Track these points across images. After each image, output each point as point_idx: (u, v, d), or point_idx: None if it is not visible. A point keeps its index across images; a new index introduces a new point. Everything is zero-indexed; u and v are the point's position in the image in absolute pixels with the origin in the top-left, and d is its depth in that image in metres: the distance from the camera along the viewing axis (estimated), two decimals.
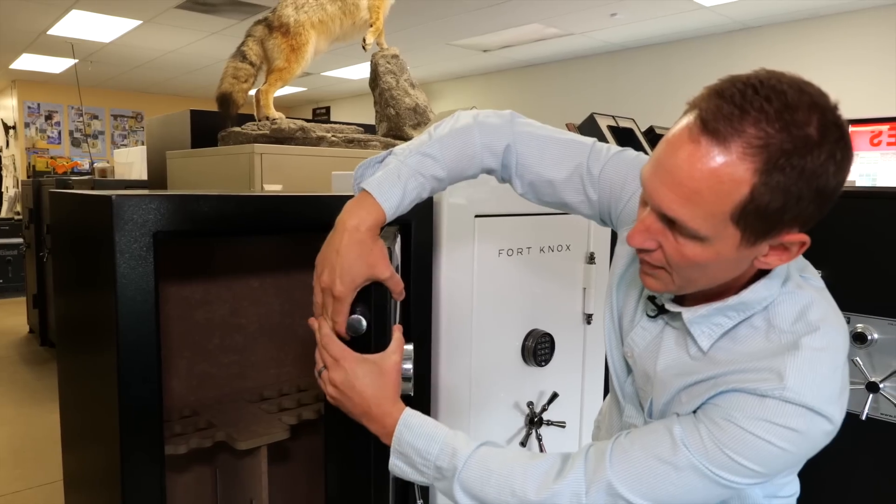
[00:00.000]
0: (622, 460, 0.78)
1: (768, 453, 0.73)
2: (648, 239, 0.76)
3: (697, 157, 0.68)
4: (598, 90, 6.87)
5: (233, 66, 2.22)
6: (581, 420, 1.70)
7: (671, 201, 0.71)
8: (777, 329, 0.76)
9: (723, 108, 0.67)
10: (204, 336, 1.43)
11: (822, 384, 0.73)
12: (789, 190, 0.67)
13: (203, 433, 1.25)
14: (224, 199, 0.98)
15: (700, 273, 0.76)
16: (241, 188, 1.94)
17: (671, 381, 0.84)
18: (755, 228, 0.70)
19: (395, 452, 0.86)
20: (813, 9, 5.00)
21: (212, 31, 6.06)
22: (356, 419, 0.88)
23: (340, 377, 0.87)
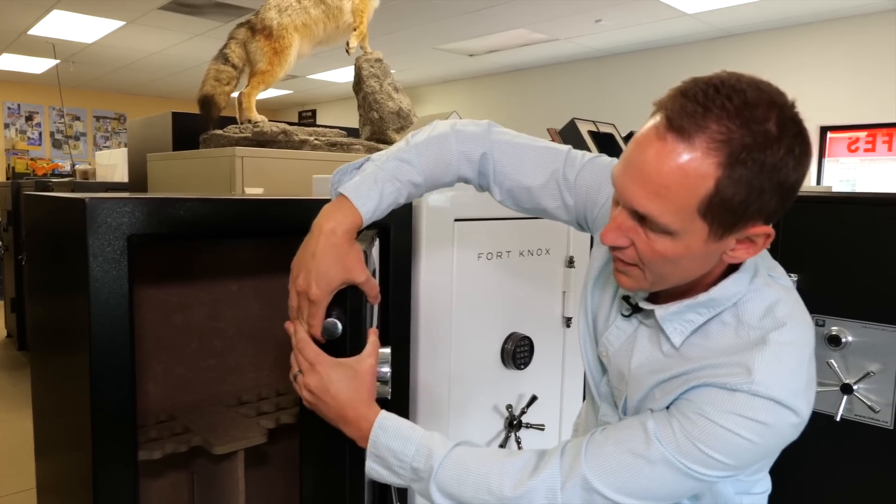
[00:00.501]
0: (597, 455, 0.80)
1: (738, 446, 0.75)
2: (621, 237, 0.78)
3: (664, 154, 0.71)
4: (583, 95, 6.91)
5: (215, 68, 2.21)
6: (560, 423, 1.71)
7: (641, 197, 0.73)
8: (746, 325, 0.79)
9: (687, 107, 0.70)
10: (182, 340, 1.42)
11: (788, 378, 0.75)
12: (752, 183, 0.70)
13: (179, 438, 1.24)
14: (200, 203, 0.98)
15: (671, 268, 0.78)
16: (223, 191, 1.93)
17: (645, 378, 0.86)
18: (722, 221, 0.72)
19: (371, 455, 0.86)
20: (792, 17, 5.08)
21: (196, 32, 6.03)
22: (332, 423, 0.89)
23: (315, 381, 0.87)
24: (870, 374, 1.78)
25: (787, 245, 1.95)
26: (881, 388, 1.77)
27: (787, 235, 1.96)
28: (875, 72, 4.91)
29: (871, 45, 4.91)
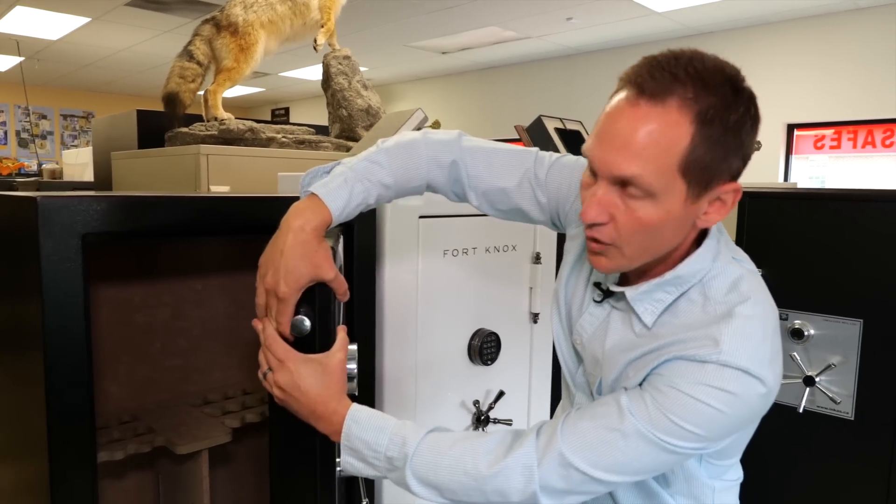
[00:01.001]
0: (572, 432, 0.81)
1: (708, 416, 0.77)
2: (601, 212, 0.79)
3: (640, 118, 0.75)
4: (555, 92, 6.96)
5: (179, 65, 2.18)
6: (528, 417, 1.72)
7: (622, 162, 0.76)
8: (712, 300, 0.82)
9: (655, 75, 0.76)
10: (145, 340, 1.40)
11: (755, 348, 0.78)
12: (720, 140, 0.75)
13: (142, 438, 1.23)
14: (156, 201, 0.97)
15: (651, 239, 0.80)
16: (188, 189, 1.91)
17: (618, 358, 0.88)
18: (698, 179, 0.76)
19: (345, 448, 0.86)
20: (760, 17, 5.17)
21: (164, 29, 5.94)
22: (304, 420, 0.88)
23: (285, 378, 0.87)
24: (831, 366, 1.83)
25: (752, 240, 1.99)
26: (842, 380, 1.82)
27: (752, 231, 1.99)
28: (841, 70, 5.02)
29: (837, 45, 5.02)
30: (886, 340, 1.75)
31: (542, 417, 1.77)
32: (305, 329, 0.88)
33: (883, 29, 4.79)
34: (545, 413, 1.78)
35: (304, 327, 0.88)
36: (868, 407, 1.79)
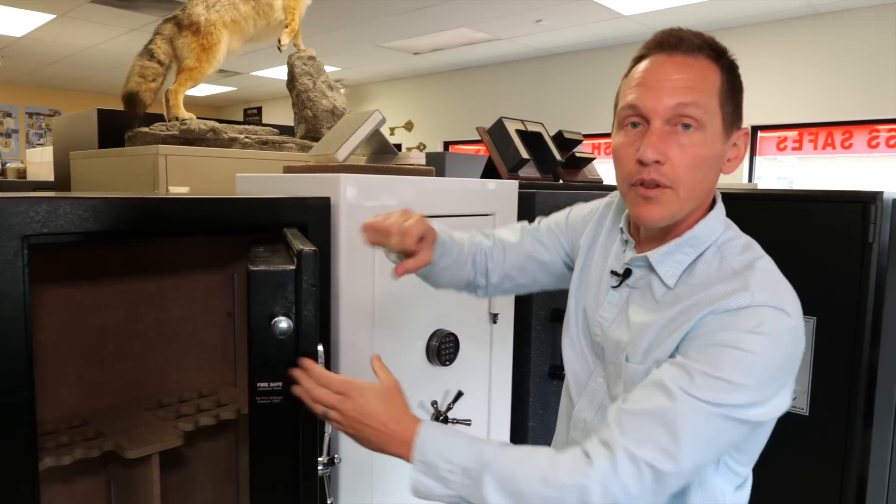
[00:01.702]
0: (629, 423, 0.80)
1: (751, 363, 0.79)
2: (659, 151, 0.86)
3: (682, 64, 0.88)
4: (526, 93, 7.00)
5: (139, 64, 2.16)
6: (488, 418, 1.73)
7: (680, 93, 0.86)
8: (728, 259, 0.89)
9: (682, 40, 0.89)
10: (97, 343, 1.38)
11: (780, 290, 0.85)
12: (736, 88, 0.91)
13: (91, 443, 1.21)
14: (100, 202, 0.96)
15: (702, 175, 0.88)
16: (146, 190, 1.88)
17: (647, 325, 0.90)
18: (729, 116, 0.89)
19: (419, 465, 0.84)
20: (723, 21, 5.27)
21: (131, 27, 5.85)
22: (376, 448, 0.87)
23: (352, 406, 0.87)
24: None
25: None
26: (798, 376, 1.86)
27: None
28: (802, 74, 5.13)
29: (798, 49, 5.13)
30: (838, 337, 1.79)
31: (503, 418, 1.78)
32: (287, 330, 0.87)
33: (841, 33, 4.91)
34: (505, 413, 1.79)
35: (284, 328, 0.87)
36: (822, 403, 1.83)
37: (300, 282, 0.89)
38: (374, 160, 1.66)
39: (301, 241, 0.99)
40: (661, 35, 0.91)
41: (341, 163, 1.47)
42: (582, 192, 2.02)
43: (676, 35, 0.90)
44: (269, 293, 0.87)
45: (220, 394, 1.51)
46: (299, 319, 0.89)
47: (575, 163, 2.28)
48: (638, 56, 0.93)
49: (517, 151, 1.90)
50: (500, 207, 1.67)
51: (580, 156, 2.27)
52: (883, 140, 5.09)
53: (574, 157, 2.25)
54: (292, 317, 0.88)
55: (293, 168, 1.54)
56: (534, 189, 1.83)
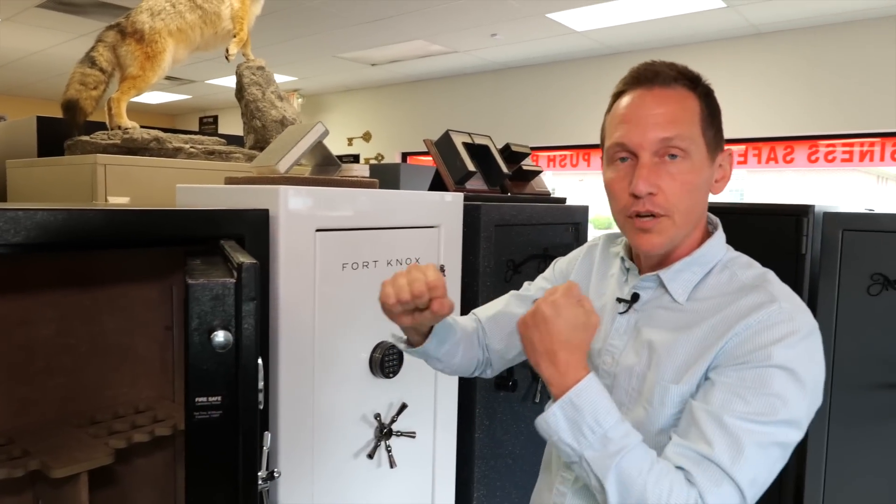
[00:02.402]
0: (706, 470, 0.79)
1: (805, 362, 0.82)
2: (651, 183, 0.90)
3: (661, 97, 0.92)
4: (483, 106, 7.07)
5: (80, 71, 2.11)
6: (434, 430, 1.73)
7: (664, 126, 0.90)
8: (738, 274, 0.93)
9: (657, 74, 0.93)
10: (25, 358, 1.34)
11: (795, 296, 0.90)
12: (715, 114, 0.95)
13: (15, 462, 1.17)
14: (24, 214, 0.93)
15: (693, 200, 0.92)
16: (85, 200, 1.83)
17: (674, 343, 0.91)
18: (712, 142, 0.93)
19: (567, 404, 0.82)
20: (670, 39, 5.43)
21: (80, 33, 5.71)
22: (536, 354, 0.86)
23: (546, 310, 0.85)
24: None
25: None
26: None
27: None
28: (745, 90, 5.31)
29: (741, 67, 5.31)
30: None
31: (448, 430, 1.78)
32: (226, 344, 0.86)
33: (782, 51, 5.12)
34: (451, 425, 1.79)
35: (223, 341, 0.86)
36: None
37: (240, 295, 0.87)
38: (318, 172, 1.66)
39: (241, 253, 0.98)
40: (637, 70, 0.95)
41: (283, 174, 1.46)
42: (529, 204, 2.05)
43: (651, 69, 0.94)
44: (207, 306, 0.86)
45: (157, 409, 1.48)
46: (239, 333, 0.88)
47: (523, 175, 2.31)
48: (617, 92, 0.97)
49: (463, 164, 1.92)
50: (445, 219, 1.69)
51: (527, 168, 2.30)
52: (822, 155, 5.31)
53: (521, 170, 2.28)
54: (232, 330, 0.87)
55: (235, 179, 1.53)
56: (479, 201, 1.85)
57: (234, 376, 0.86)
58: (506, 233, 1.94)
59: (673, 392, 0.88)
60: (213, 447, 0.84)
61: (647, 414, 0.91)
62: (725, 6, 4.56)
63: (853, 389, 2.00)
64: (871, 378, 1.98)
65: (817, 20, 4.84)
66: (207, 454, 0.83)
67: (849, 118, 4.89)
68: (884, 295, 1.97)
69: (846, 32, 4.85)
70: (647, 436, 0.90)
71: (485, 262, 1.85)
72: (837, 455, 2.05)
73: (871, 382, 1.99)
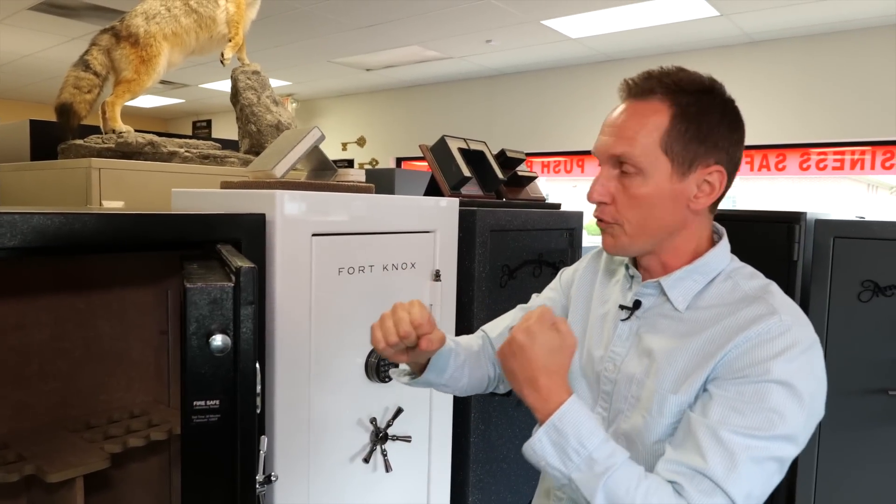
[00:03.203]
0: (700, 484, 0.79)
1: (804, 377, 0.82)
2: (603, 193, 0.93)
3: (628, 109, 0.93)
4: (477, 112, 7.09)
5: (74, 75, 2.10)
6: (429, 434, 1.73)
7: (614, 144, 0.91)
8: (741, 284, 0.93)
9: (644, 82, 0.92)
10: (19, 362, 1.33)
11: (797, 308, 0.90)
12: (695, 129, 0.89)
13: (9, 467, 1.16)
14: (20, 218, 0.93)
15: (646, 214, 0.92)
16: (79, 205, 1.83)
17: (673, 351, 0.91)
18: (680, 159, 0.90)
19: (551, 429, 0.83)
20: (663, 46, 5.46)
21: (72, 36, 5.69)
22: (518, 383, 0.87)
23: (522, 337, 0.86)
24: None
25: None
26: None
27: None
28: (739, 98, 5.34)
29: (735, 74, 5.35)
30: None
31: (443, 434, 1.78)
32: (224, 347, 0.86)
33: (775, 59, 5.16)
34: (446, 429, 1.79)
35: (221, 345, 0.86)
36: None
37: (238, 299, 0.88)
38: (314, 177, 1.66)
39: (238, 257, 0.98)
40: (635, 77, 0.95)
41: (279, 179, 1.46)
42: (524, 209, 2.06)
43: (631, 80, 0.94)
44: (205, 310, 0.86)
45: (153, 414, 1.47)
46: (237, 337, 0.88)
47: (517, 181, 2.32)
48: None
49: (459, 169, 1.93)
50: (441, 224, 1.69)
51: (522, 174, 2.31)
52: (814, 163, 5.35)
53: (516, 176, 2.29)
54: (230, 334, 0.87)
55: (230, 183, 1.53)
56: (475, 206, 1.86)
57: (232, 380, 0.86)
58: (501, 238, 1.95)
59: (671, 402, 0.89)
60: (211, 451, 0.84)
61: (645, 422, 0.91)
62: (719, 15, 4.60)
63: (844, 395, 2.02)
64: (861, 384, 2.00)
65: (809, 29, 4.89)
66: (205, 458, 0.83)
67: (840, 127, 4.94)
68: (874, 301, 1.99)
69: (838, 42, 4.90)
70: (644, 444, 0.91)
71: (480, 268, 1.86)
72: (828, 459, 2.07)
73: (861, 388, 2.01)
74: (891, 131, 4.73)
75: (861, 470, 2.01)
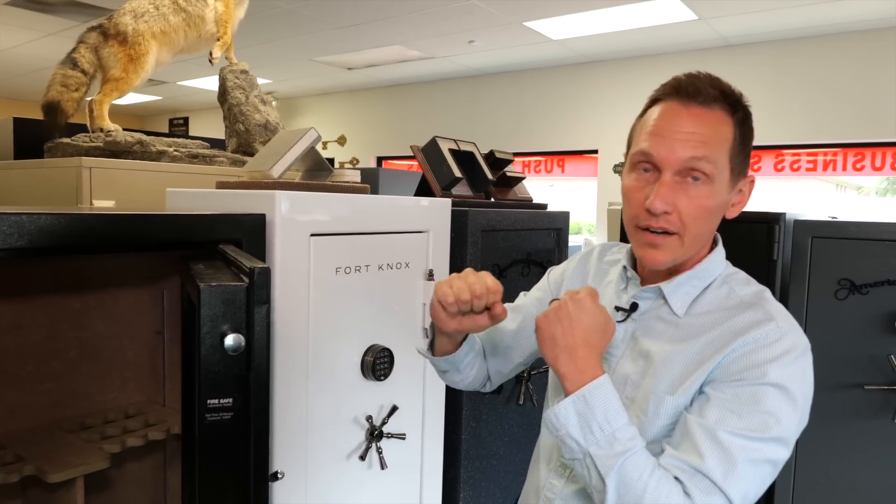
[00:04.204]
0: (700, 481, 0.81)
1: (798, 381, 0.85)
2: (668, 202, 0.90)
3: (698, 116, 0.91)
4: (459, 112, 7.12)
5: (61, 73, 2.08)
6: (422, 432, 1.76)
7: (693, 147, 0.89)
8: (736, 290, 0.95)
9: (699, 89, 0.92)
10: (14, 363, 1.32)
11: (790, 315, 0.92)
12: (747, 140, 0.94)
13: (9, 468, 1.16)
14: (27, 218, 0.93)
15: (706, 224, 0.93)
16: (69, 204, 1.82)
17: (670, 354, 0.92)
18: (737, 169, 0.93)
19: (579, 400, 0.84)
20: (644, 49, 5.54)
21: (49, 31, 5.59)
22: (552, 351, 0.87)
23: (571, 308, 0.88)
24: None
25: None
26: None
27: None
28: None
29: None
30: None
31: (436, 432, 1.81)
32: (237, 346, 0.87)
33: (751, 62, 5.27)
34: (439, 426, 1.82)
35: (235, 344, 0.87)
36: None
37: (252, 298, 0.89)
38: (309, 177, 1.67)
39: (247, 257, 0.99)
40: (679, 81, 0.93)
41: (276, 179, 1.47)
42: (513, 210, 2.09)
43: (695, 84, 0.92)
44: (219, 310, 0.87)
45: (148, 414, 1.47)
46: (251, 336, 0.89)
47: (506, 182, 2.35)
48: (654, 97, 0.96)
49: (450, 170, 1.95)
50: (434, 224, 1.72)
51: (511, 175, 2.34)
52: (788, 164, 5.48)
53: (505, 177, 2.32)
54: (243, 333, 0.88)
55: (226, 184, 1.53)
56: (466, 207, 1.88)
57: (245, 379, 0.88)
58: (491, 238, 1.98)
59: (668, 403, 0.90)
60: (225, 449, 0.85)
61: (640, 423, 0.92)
62: (697, 19, 4.68)
63: (822, 390, 2.08)
64: (838, 379, 2.07)
65: (785, 34, 5.00)
66: (218, 455, 0.85)
67: (814, 128, 5.06)
68: (850, 299, 2.05)
69: (812, 46, 5.03)
70: None
71: (472, 267, 1.88)
72: (807, 452, 2.13)
73: (838, 383, 2.07)
74: (862, 133, 4.87)
75: (838, 463, 2.08)
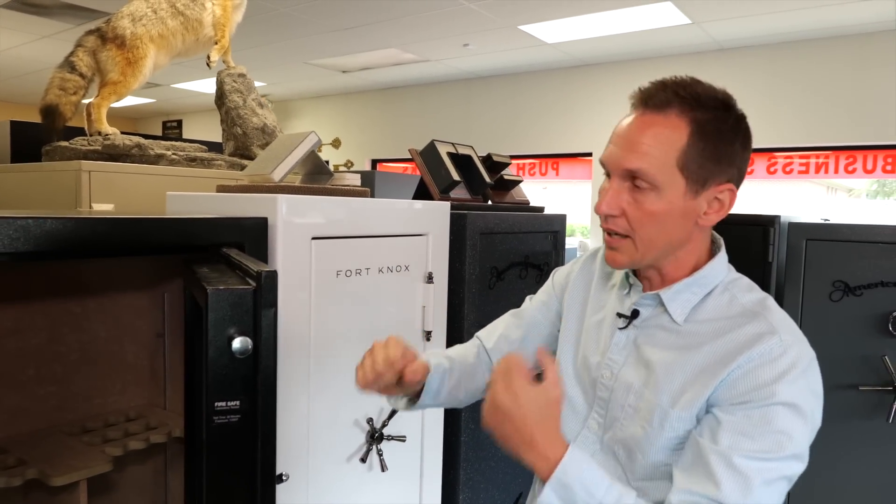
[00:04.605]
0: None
1: (806, 395, 0.84)
2: (613, 205, 0.91)
3: (645, 122, 0.89)
4: (453, 115, 7.13)
5: (60, 76, 2.08)
6: (422, 434, 1.77)
7: (630, 158, 0.89)
8: (738, 297, 0.93)
9: (660, 93, 0.89)
10: (15, 367, 1.32)
11: (793, 323, 0.90)
12: (713, 146, 0.88)
13: (11, 471, 1.16)
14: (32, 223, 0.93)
15: (657, 230, 0.90)
16: (67, 207, 1.81)
17: (672, 363, 0.91)
18: (695, 177, 0.88)
19: (557, 483, 0.82)
20: (639, 52, 5.58)
21: (43, 34, 5.57)
22: (511, 447, 0.85)
23: (506, 399, 0.84)
24: None
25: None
26: None
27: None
28: None
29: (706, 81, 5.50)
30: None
31: (435, 434, 1.82)
32: (245, 349, 0.87)
33: (744, 66, 5.31)
34: (438, 429, 1.83)
35: (242, 347, 0.87)
36: None
37: (259, 302, 0.90)
38: (309, 181, 1.68)
39: (252, 261, 1.00)
40: (641, 87, 0.92)
41: (277, 183, 1.48)
42: (511, 213, 2.10)
43: (648, 89, 0.91)
44: (227, 313, 0.87)
45: (149, 417, 1.47)
46: (258, 339, 0.90)
47: (503, 185, 2.36)
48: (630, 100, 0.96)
49: (448, 173, 1.96)
50: (433, 227, 1.73)
51: (508, 178, 2.35)
52: (780, 166, 5.52)
53: (502, 180, 2.33)
54: (251, 336, 0.89)
55: (227, 187, 1.54)
56: (465, 210, 1.89)
57: (252, 381, 0.88)
58: (490, 241, 1.99)
59: (672, 416, 0.90)
60: (233, 451, 0.86)
61: (645, 434, 0.92)
62: (690, 23, 4.72)
63: None
64: (833, 380, 2.09)
65: (777, 37, 5.04)
66: (227, 459, 0.85)
67: (806, 131, 5.10)
68: (845, 301, 2.07)
69: (805, 50, 5.07)
70: (645, 455, 0.93)
71: (470, 270, 1.90)
72: None
73: (832, 384, 2.09)
74: (854, 136, 4.91)
75: (833, 464, 2.09)
